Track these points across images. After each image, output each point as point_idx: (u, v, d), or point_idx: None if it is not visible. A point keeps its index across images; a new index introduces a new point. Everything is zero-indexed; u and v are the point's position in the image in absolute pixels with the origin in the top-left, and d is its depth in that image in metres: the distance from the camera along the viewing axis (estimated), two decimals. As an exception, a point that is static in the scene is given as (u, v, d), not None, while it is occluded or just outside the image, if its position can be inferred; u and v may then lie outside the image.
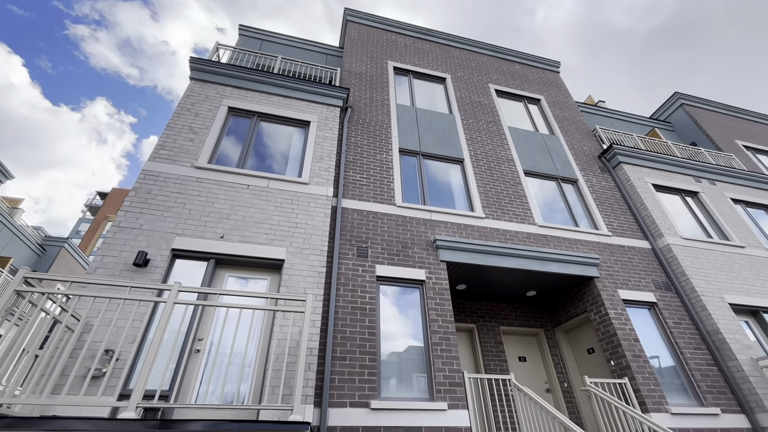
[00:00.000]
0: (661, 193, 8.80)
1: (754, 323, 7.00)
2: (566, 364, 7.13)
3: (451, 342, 5.19)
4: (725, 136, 12.61)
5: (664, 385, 5.89)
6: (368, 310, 5.17)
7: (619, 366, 5.92)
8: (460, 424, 4.53)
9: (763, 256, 8.02)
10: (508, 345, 7.29)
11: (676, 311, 6.72)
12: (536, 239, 7.05)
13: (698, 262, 7.31)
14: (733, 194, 9.43)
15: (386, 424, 4.32)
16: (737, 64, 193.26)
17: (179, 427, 2.53)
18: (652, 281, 7.04)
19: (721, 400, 5.80)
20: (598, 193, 8.47)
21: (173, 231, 4.92)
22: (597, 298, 6.55)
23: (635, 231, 7.91)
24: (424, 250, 6.09)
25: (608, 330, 6.23)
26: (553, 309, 7.60)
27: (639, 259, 7.37)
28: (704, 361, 6.19)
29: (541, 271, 6.44)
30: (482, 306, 7.44)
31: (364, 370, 4.65)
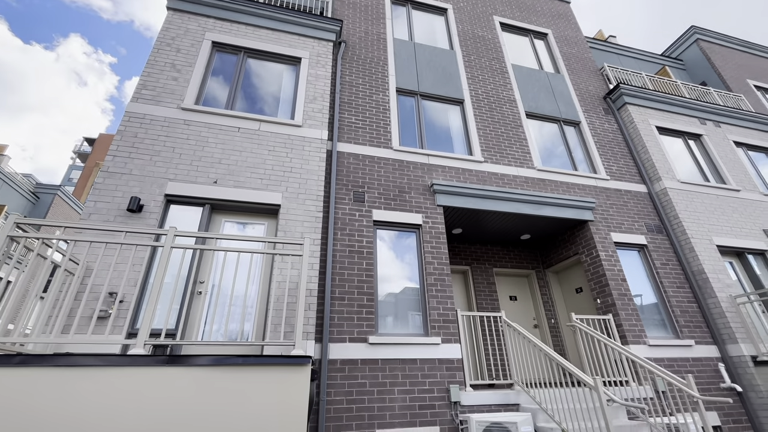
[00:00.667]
0: (664, 136, 8.60)
1: (738, 264, 7.26)
2: (554, 302, 7.50)
3: (446, 283, 5.37)
4: (737, 75, 12.06)
5: (645, 320, 6.25)
6: (365, 253, 5.26)
7: (605, 304, 6.23)
8: (453, 356, 4.85)
9: (756, 199, 8.09)
10: (500, 285, 7.59)
11: (664, 253, 6.92)
12: (534, 183, 7.00)
13: (692, 206, 7.37)
14: (737, 137, 9.25)
15: (383, 356, 4.61)
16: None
17: (187, 362, 2.67)
18: (644, 224, 7.16)
19: (696, 334, 6.21)
20: (600, 136, 8.26)
21: (165, 176, 4.81)
22: (590, 241, 6.68)
23: (633, 175, 7.86)
24: (421, 194, 6.05)
25: (598, 271, 6.45)
26: (546, 251, 7.80)
27: (634, 202, 7.41)
28: (685, 299, 6.51)
29: (537, 215, 6.48)
30: (477, 249, 7.61)
31: (362, 309, 4.85)
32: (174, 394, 2.56)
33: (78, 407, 2.39)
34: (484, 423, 4.04)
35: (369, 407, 4.29)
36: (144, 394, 2.51)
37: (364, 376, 4.46)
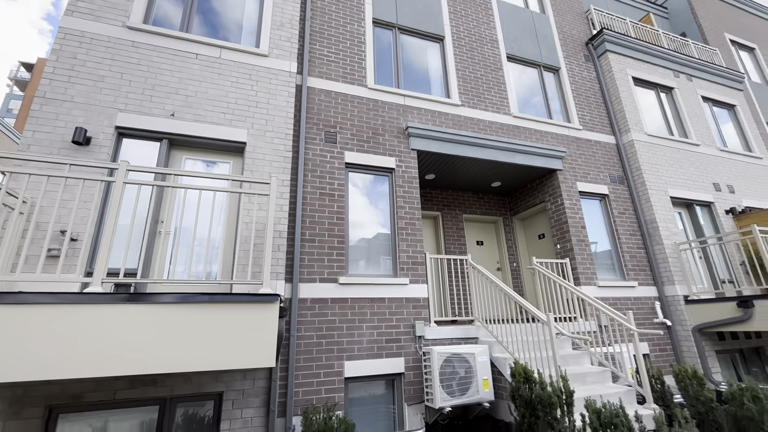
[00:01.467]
0: (639, 87, 8.63)
1: (686, 214, 7.81)
2: (518, 247, 7.89)
3: (417, 227, 5.45)
4: (716, 27, 11.99)
5: (597, 264, 6.74)
6: (337, 196, 5.18)
7: (564, 249, 6.61)
8: (419, 296, 5.09)
9: (711, 154, 8.51)
10: (468, 230, 7.84)
11: (623, 202, 7.29)
12: (509, 130, 6.96)
13: (654, 158, 7.67)
14: (705, 92, 9.44)
15: (353, 295, 4.76)
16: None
17: (150, 299, 2.61)
18: (608, 175, 7.42)
19: (640, 276, 6.80)
20: (578, 84, 8.16)
21: (114, 105, 4.34)
22: (557, 189, 6.89)
23: (605, 126, 7.96)
24: (395, 137, 5.88)
25: (561, 218, 6.75)
26: (514, 199, 8.02)
27: (602, 153, 7.60)
28: (635, 245, 7.02)
29: (510, 163, 6.53)
30: (448, 195, 7.70)
31: (333, 251, 4.89)
32: (137, 333, 2.54)
33: (33, 347, 2.33)
34: (445, 354, 4.37)
35: (338, 341, 4.51)
36: (105, 333, 2.47)
37: (333, 313, 4.62)
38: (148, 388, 3.50)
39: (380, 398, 4.66)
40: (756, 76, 12.07)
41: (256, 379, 3.84)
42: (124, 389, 3.45)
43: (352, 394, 4.53)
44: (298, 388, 4.20)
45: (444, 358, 4.37)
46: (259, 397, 3.79)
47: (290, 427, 3.89)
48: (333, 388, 4.33)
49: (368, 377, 4.59)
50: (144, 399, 3.50)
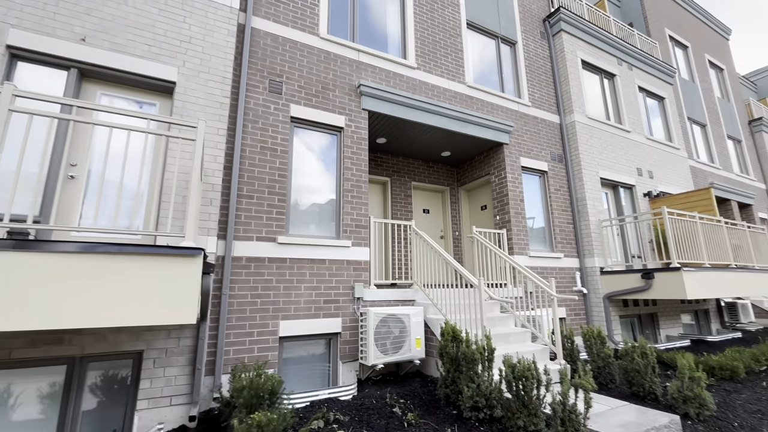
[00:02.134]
0: (586, 71, 9.00)
1: (611, 194, 8.54)
2: (461, 217, 8.16)
3: (363, 190, 5.36)
4: (659, 21, 12.72)
5: (531, 236, 7.21)
6: (279, 151, 4.88)
7: (503, 220, 6.95)
8: (361, 258, 5.09)
9: (639, 141, 9.27)
10: (416, 198, 7.92)
11: (559, 180, 7.76)
12: (463, 99, 6.95)
13: (591, 141, 8.17)
14: (641, 82, 10.11)
15: (292, 256, 4.63)
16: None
17: (45, 248, 2.29)
18: (549, 153, 7.80)
19: (567, 249, 7.41)
20: (532, 60, 8.30)
21: (3, 19, 3.58)
22: (501, 163, 7.12)
23: (552, 105, 8.26)
24: (346, 94, 5.60)
25: (502, 191, 7.04)
26: (462, 170, 8.19)
27: (546, 131, 7.93)
28: (566, 221, 7.59)
29: (461, 133, 6.56)
30: (399, 161, 7.65)
31: (273, 209, 4.67)
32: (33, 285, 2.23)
33: None
34: (381, 314, 4.47)
35: (274, 301, 4.41)
36: (-14, 282, 2.13)
37: (271, 273, 4.48)
38: (52, 347, 3.17)
39: (316, 357, 4.71)
40: (685, 73, 13.15)
41: (182, 338, 3.65)
42: (22, 348, 3.10)
43: (286, 353, 4.52)
44: (230, 347, 4.09)
45: (380, 318, 4.47)
46: (184, 356, 3.63)
47: (218, 385, 3.80)
48: (267, 347, 4.27)
49: (304, 336, 4.59)
50: (47, 358, 3.18)
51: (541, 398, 2.99)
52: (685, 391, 3.56)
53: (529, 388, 2.93)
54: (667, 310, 8.09)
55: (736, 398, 4.19)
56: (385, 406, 3.71)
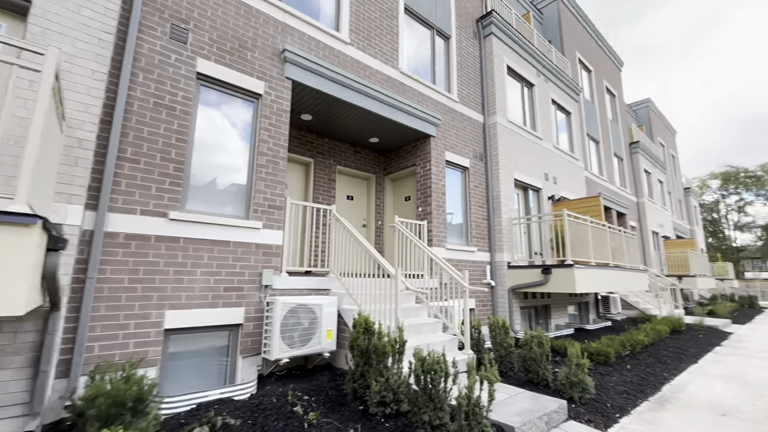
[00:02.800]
0: (510, 77, 9.51)
1: (522, 195, 9.22)
2: (385, 206, 8.06)
3: (280, 167, 4.85)
4: (572, 44, 14.11)
5: (450, 229, 7.40)
6: (179, 111, 4.12)
7: (424, 212, 7.00)
8: (272, 242, 4.61)
9: (548, 148, 10.16)
10: (340, 183, 7.58)
11: (478, 177, 8.09)
12: (395, 86, 6.76)
13: (509, 143, 8.68)
14: (555, 96, 11.09)
15: (188, 235, 3.97)
16: None
17: None
18: (472, 150, 8.08)
19: (480, 243, 7.79)
20: (463, 57, 8.47)
21: None
22: (428, 155, 7.14)
23: (477, 104, 8.55)
24: (268, 58, 4.98)
25: (426, 183, 7.07)
26: (389, 159, 8.06)
27: (471, 128, 8.18)
28: (481, 217, 7.96)
29: (391, 120, 6.37)
30: (325, 143, 7.20)
31: (165, 179, 3.93)
32: None
33: None
34: (290, 304, 4.09)
35: (160, 288, 3.73)
36: None
37: (158, 254, 3.77)
38: None
39: (211, 351, 4.14)
40: (587, 94, 14.85)
41: (20, 332, 2.83)
42: None
43: (174, 348, 3.88)
44: (95, 342, 3.33)
45: (289, 308, 4.08)
46: (22, 355, 2.82)
47: (72, 389, 3.06)
48: (147, 341, 3.59)
49: (198, 329, 3.99)
50: None
51: (447, 391, 2.94)
52: (571, 377, 3.88)
53: (437, 381, 2.86)
54: (558, 302, 9.06)
55: (608, 380, 4.75)
56: (285, 404, 3.37)
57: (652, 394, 4.43)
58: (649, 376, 5.13)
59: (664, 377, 5.16)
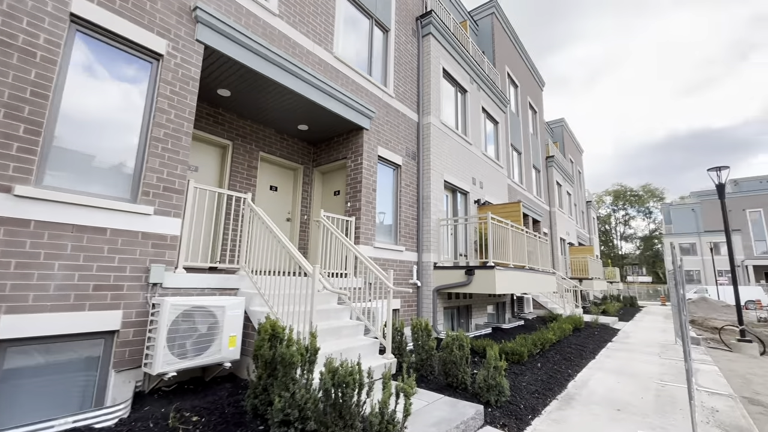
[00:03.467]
0: (445, 80, 9.63)
1: (450, 197, 9.38)
2: (312, 200, 7.54)
3: (182, 144, 4.10)
4: (502, 58, 14.95)
5: (379, 227, 7.16)
6: (40, 59, 3.20)
7: (353, 208, 6.65)
8: (167, 232, 3.86)
9: (476, 154, 10.52)
10: (263, 172, 6.88)
11: (410, 176, 7.99)
12: (328, 70, 6.31)
13: (441, 145, 8.74)
14: (485, 104, 11.56)
15: (43, 218, 3.08)
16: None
17: None
18: (405, 148, 7.95)
19: (409, 243, 7.68)
20: (401, 53, 8.31)
21: None
22: (360, 148, 6.80)
23: (413, 102, 8.46)
24: (174, 14, 4.19)
25: (357, 177, 6.73)
26: (319, 150, 7.56)
27: (405, 126, 8.05)
28: (411, 216, 7.86)
29: (323, 107, 5.90)
30: (246, 125, 6.46)
31: (12, 143, 3.00)
32: None
33: None
34: (183, 306, 3.42)
35: (-7, 285, 2.82)
36: None
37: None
38: None
39: (72, 366, 3.29)
40: (513, 107, 15.88)
41: None
42: None
43: (12, 363, 2.97)
44: None
45: (181, 311, 3.41)
46: None
47: None
48: (-34, 356, 2.67)
49: (52, 338, 3.12)
50: None
51: (361, 405, 2.61)
52: (489, 380, 3.83)
53: (349, 395, 2.51)
54: (478, 302, 9.38)
55: (522, 380, 4.87)
56: (165, 430, 2.75)
57: (560, 392, 4.63)
58: (557, 373, 5.41)
59: (568, 374, 5.48)
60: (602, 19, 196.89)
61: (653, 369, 6.11)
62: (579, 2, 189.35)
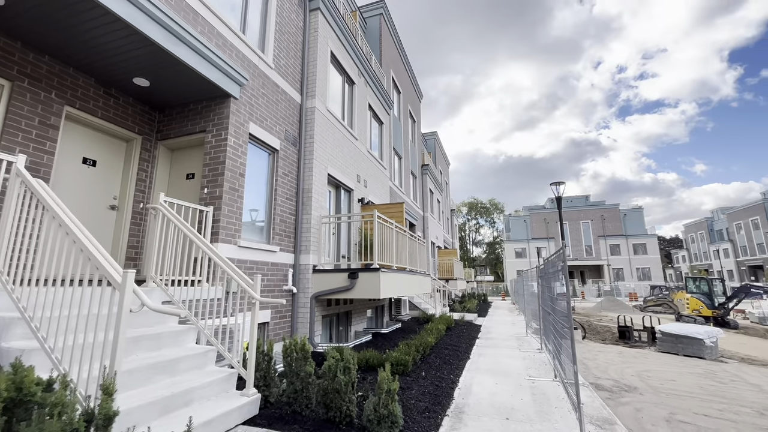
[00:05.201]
0: (333, 67, 8.82)
1: (334, 193, 8.56)
2: (155, 183, 5.67)
3: None
4: (388, 62, 15.04)
5: (247, 222, 5.82)
6: None
7: (212, 195, 5.17)
8: None
9: (362, 151, 10.02)
10: (71, 136, 4.78)
11: (290, 165, 6.86)
12: (181, 7, 4.74)
13: (326, 134, 7.86)
14: (372, 102, 11.20)
15: None
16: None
17: None
18: (285, 131, 6.78)
19: (284, 242, 6.51)
20: (285, 21, 7.14)
21: None
22: (225, 120, 5.37)
23: (296, 80, 7.36)
24: None
25: (219, 157, 5.27)
26: (168, 117, 5.75)
27: (285, 105, 6.89)
28: (288, 211, 6.71)
29: (168, 52, 4.31)
30: (42, 61, 4.33)
31: None
32: None
33: None
34: None
35: None
36: None
37: None
38: None
39: None
40: (396, 112, 16.16)
41: None
42: None
43: None
44: None
45: None
46: None
47: None
48: None
49: None
50: None
51: None
52: (380, 409, 3.10)
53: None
54: (359, 307, 8.78)
55: (410, 396, 4.33)
56: None
57: (448, 404, 4.24)
58: (441, 381, 5.09)
59: (452, 380, 5.24)
60: (464, 57, 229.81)
61: (519, 364, 6.46)
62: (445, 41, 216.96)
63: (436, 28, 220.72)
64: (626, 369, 7.11)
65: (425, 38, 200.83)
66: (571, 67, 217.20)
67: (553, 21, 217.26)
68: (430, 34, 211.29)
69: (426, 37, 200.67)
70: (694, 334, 9.16)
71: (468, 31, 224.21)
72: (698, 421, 4.40)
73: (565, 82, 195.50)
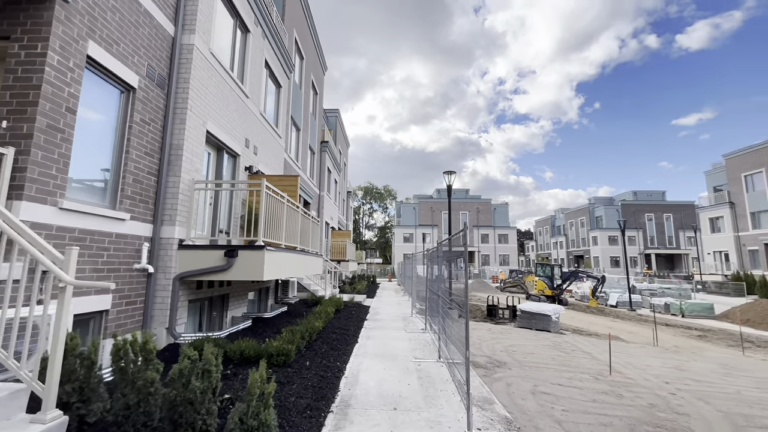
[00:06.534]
0: (221, 3, 7.29)
1: (214, 155, 7.21)
2: None
3: None
4: (292, 21, 13.55)
5: (79, 179, 4.30)
6: None
7: (14, 130, 3.58)
8: None
9: (254, 112, 8.72)
10: None
11: (153, 112, 5.37)
12: None
13: (207, 81, 6.46)
14: (269, 58, 9.84)
15: None
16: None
17: None
18: (148, 65, 5.25)
19: (138, 209, 5.10)
20: None
21: None
22: (45, 28, 3.75)
23: (168, 5, 5.78)
24: None
25: (32, 78, 3.68)
26: (-63, 6, 3.77)
27: (151, 33, 5.33)
28: (147, 170, 5.28)
29: None
30: None
31: None
32: None
33: None
34: None
35: None
36: None
37: None
38: None
39: None
40: (297, 78, 14.83)
41: None
42: None
43: None
44: None
45: None
46: None
47: None
48: None
49: None
50: None
51: None
52: (249, 420, 2.45)
53: None
54: (238, 290, 7.71)
55: (290, 392, 3.77)
56: None
57: (333, 398, 3.82)
58: (327, 371, 4.66)
59: (338, 368, 4.85)
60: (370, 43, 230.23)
61: (405, 345, 6.47)
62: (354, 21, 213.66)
63: (347, 5, 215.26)
64: (496, 345, 7.86)
65: (334, 12, 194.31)
66: (463, 71, 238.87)
67: (452, 26, 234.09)
68: (340, 9, 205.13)
69: (335, 11, 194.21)
70: (545, 311, 10.79)
71: (378, 17, 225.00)
72: (555, 390, 4.96)
73: (457, 84, 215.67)
